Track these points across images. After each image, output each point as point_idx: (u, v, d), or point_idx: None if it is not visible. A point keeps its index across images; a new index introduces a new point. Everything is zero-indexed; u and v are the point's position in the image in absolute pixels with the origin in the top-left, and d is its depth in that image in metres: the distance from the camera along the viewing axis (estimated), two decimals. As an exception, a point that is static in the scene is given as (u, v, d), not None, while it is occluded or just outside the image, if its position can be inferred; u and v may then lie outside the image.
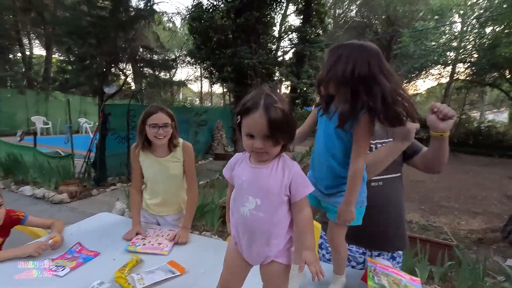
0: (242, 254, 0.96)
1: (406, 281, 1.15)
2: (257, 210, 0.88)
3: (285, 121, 0.81)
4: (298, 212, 0.89)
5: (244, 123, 0.84)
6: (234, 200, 0.95)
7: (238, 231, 0.94)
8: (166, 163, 1.69)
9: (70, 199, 4.61)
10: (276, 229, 0.90)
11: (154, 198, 1.76)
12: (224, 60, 6.17)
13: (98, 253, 1.42)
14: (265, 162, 0.89)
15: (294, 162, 0.91)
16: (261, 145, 0.83)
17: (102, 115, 5.10)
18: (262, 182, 0.88)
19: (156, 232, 1.65)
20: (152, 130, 1.58)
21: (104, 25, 4.21)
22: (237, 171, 0.95)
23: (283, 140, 0.84)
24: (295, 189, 0.87)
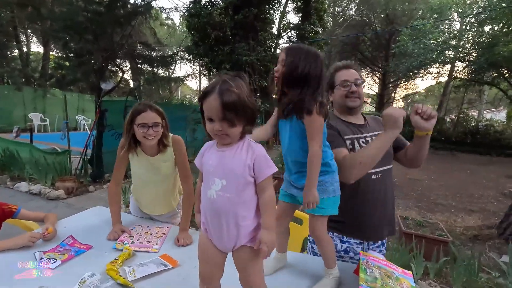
0: (213, 242, 0.96)
1: (398, 273, 1.15)
2: (223, 191, 0.90)
3: (239, 104, 0.84)
4: (261, 192, 0.91)
5: (204, 107, 0.88)
6: (203, 185, 0.96)
7: (207, 217, 0.95)
8: (157, 162, 1.59)
9: (67, 195, 4.60)
10: (244, 210, 0.91)
11: (144, 198, 1.72)
12: (222, 57, 6.14)
13: (90, 246, 1.41)
14: (229, 145, 0.92)
15: (258, 145, 0.93)
16: (219, 127, 0.86)
17: (99, 111, 5.07)
18: (226, 163, 0.90)
19: (144, 229, 1.62)
20: (141, 130, 1.46)
21: (101, 21, 4.17)
22: (205, 157, 0.97)
23: (239, 122, 0.87)
24: (258, 169, 0.89)
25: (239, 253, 0.94)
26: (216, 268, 0.98)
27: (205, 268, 0.98)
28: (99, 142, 5.30)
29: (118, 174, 1.67)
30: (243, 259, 0.94)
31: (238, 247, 0.93)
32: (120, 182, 1.70)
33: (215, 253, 0.97)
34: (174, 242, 1.50)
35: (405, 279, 1.12)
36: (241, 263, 0.94)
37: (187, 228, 1.59)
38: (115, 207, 1.64)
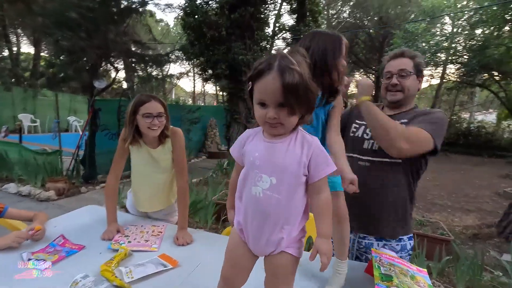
0: (248, 244, 0.85)
1: (413, 271, 1.09)
2: (272, 190, 0.77)
3: (302, 87, 0.70)
4: (316, 194, 0.79)
5: (255, 89, 0.74)
6: (244, 179, 0.83)
7: (247, 216, 0.83)
8: (157, 155, 1.54)
9: (58, 196, 4.45)
10: (291, 214, 0.80)
11: (143, 193, 1.63)
12: (218, 56, 6.07)
13: (83, 246, 1.32)
14: (280, 137, 0.79)
15: (314, 138, 0.80)
16: (275, 114, 0.72)
17: (92, 110, 4.94)
18: (277, 158, 0.77)
19: (138, 228, 1.53)
20: (146, 120, 1.42)
21: (94, 17, 4.05)
22: (248, 147, 0.84)
23: (300, 109, 0.73)
24: (314, 168, 0.77)
25: (277, 259, 0.83)
26: (243, 273, 0.88)
27: (231, 272, 0.88)
28: (92, 142, 5.16)
29: (118, 168, 1.57)
30: (280, 266, 0.83)
31: (276, 253, 0.82)
32: (119, 176, 1.60)
33: (246, 256, 0.86)
34: (173, 241, 1.42)
35: (421, 277, 1.06)
36: (275, 270, 0.83)
37: (186, 226, 1.51)
38: (111, 204, 1.55)
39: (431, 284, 1.04)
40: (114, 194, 1.58)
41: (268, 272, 0.85)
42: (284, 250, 0.81)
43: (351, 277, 1.14)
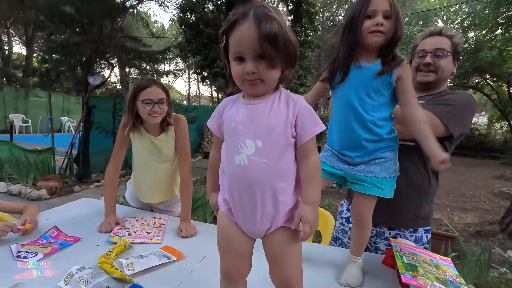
0: (239, 224, 0.76)
1: (437, 261, 1.02)
2: (259, 154, 0.69)
3: (281, 36, 0.64)
4: (304, 158, 0.72)
5: (231, 42, 0.67)
6: (226, 150, 0.75)
7: (233, 191, 0.73)
8: (159, 143, 1.46)
9: (50, 195, 4.29)
10: (283, 181, 0.71)
11: (145, 183, 1.54)
12: (215, 54, 5.99)
13: (78, 238, 1.22)
14: (262, 97, 0.72)
15: (299, 96, 0.73)
16: (253, 68, 0.65)
17: (86, 107, 4.80)
18: (261, 120, 0.70)
19: (139, 220, 1.43)
20: (146, 107, 1.33)
21: (89, 11, 3.94)
22: (228, 114, 0.76)
23: (280, 61, 0.67)
24: (301, 127, 0.70)
25: (274, 237, 0.74)
26: (244, 260, 0.77)
27: (231, 263, 0.77)
28: (86, 140, 5.02)
29: (118, 157, 1.48)
30: (279, 244, 0.73)
31: (272, 230, 0.74)
32: (119, 167, 1.50)
33: (242, 240, 0.76)
34: (177, 233, 1.32)
35: (447, 267, 0.99)
36: (276, 250, 0.74)
37: (189, 217, 1.42)
38: (110, 194, 1.45)
39: (458, 273, 0.97)
40: (113, 184, 1.48)
41: (269, 258, 0.75)
42: (283, 225, 0.73)
43: (367, 269, 1.07)
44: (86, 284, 0.87)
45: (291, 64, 0.70)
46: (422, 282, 0.86)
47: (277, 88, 0.73)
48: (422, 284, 0.85)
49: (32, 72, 6.63)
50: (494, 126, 16.57)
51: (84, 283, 0.88)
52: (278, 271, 0.75)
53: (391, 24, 0.90)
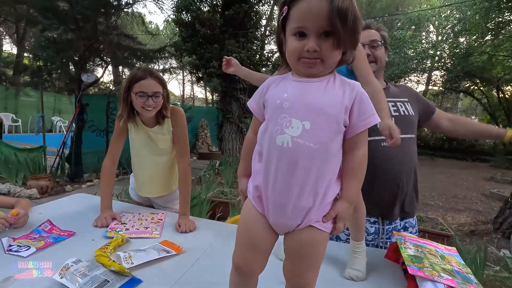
0: (267, 216, 0.68)
1: (442, 251, 1.01)
2: (305, 137, 0.61)
3: (352, 12, 0.58)
4: (351, 150, 0.66)
5: (292, 14, 0.61)
6: (267, 130, 0.67)
7: (269, 175, 0.66)
8: (154, 135, 1.42)
9: (40, 195, 4.18)
10: (329, 172, 0.64)
11: (141, 175, 1.51)
12: (211, 54, 5.97)
13: (73, 232, 1.17)
14: (315, 78, 0.65)
15: (356, 82, 0.67)
16: (316, 45, 0.59)
17: (79, 105, 4.71)
18: (313, 98, 0.63)
19: (136, 216, 1.39)
20: (139, 100, 1.28)
21: (83, 7, 3.88)
22: (273, 92, 0.69)
23: (347, 41, 0.60)
24: (358, 115, 0.63)
25: (301, 235, 0.66)
26: (262, 257, 0.70)
27: (246, 256, 0.69)
28: (79, 139, 4.92)
29: (115, 149, 1.43)
30: (305, 244, 0.66)
31: (303, 227, 0.66)
32: (117, 159, 1.45)
33: (266, 234, 0.69)
34: (175, 228, 1.29)
35: (452, 257, 0.98)
36: (299, 249, 0.67)
37: (188, 213, 1.38)
38: (107, 188, 1.40)
39: (464, 263, 0.96)
40: (110, 178, 1.43)
41: (290, 255, 0.69)
42: (313, 224, 0.66)
43: (370, 264, 1.05)
44: (83, 277, 0.83)
45: (355, 45, 0.64)
46: (429, 274, 0.85)
47: (332, 71, 0.67)
48: (429, 275, 0.84)
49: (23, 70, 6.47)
50: (484, 129, 16.89)
51: (81, 275, 0.84)
52: (295, 271, 0.68)
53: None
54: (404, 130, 1.17)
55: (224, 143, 6.55)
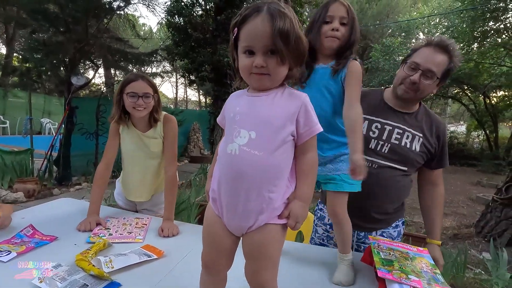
0: (222, 218, 0.74)
1: (413, 253, 1.06)
2: (250, 145, 0.67)
3: (293, 33, 0.64)
4: (302, 153, 0.72)
5: (242, 35, 0.68)
6: (223, 140, 0.75)
7: (220, 180, 0.72)
8: (147, 139, 1.47)
9: (27, 198, 4.12)
10: (274, 177, 0.69)
11: (132, 179, 1.54)
12: (204, 58, 6.00)
13: (54, 237, 1.18)
14: (266, 91, 0.72)
15: (303, 93, 0.73)
16: (263, 62, 0.66)
17: (69, 108, 4.68)
18: (260, 111, 0.69)
19: (120, 221, 1.40)
20: (130, 100, 1.36)
21: (74, 9, 3.86)
22: (229, 106, 0.76)
23: (290, 58, 0.67)
24: (304, 123, 0.69)
25: (255, 237, 0.70)
26: (224, 255, 0.75)
27: (209, 255, 0.76)
28: (68, 142, 4.87)
29: (109, 152, 1.47)
30: (261, 242, 0.70)
31: (255, 228, 0.70)
32: (111, 163, 1.49)
33: (224, 235, 0.74)
34: (158, 233, 1.31)
35: (422, 257, 1.03)
36: (256, 248, 0.71)
37: (172, 217, 1.41)
38: (97, 193, 1.42)
39: (433, 263, 1.01)
40: (102, 182, 1.45)
41: (247, 255, 0.73)
42: (268, 222, 0.70)
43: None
44: (62, 281, 0.85)
45: (299, 62, 0.71)
46: (397, 276, 0.89)
47: (281, 85, 0.73)
48: (397, 278, 0.88)
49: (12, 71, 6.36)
50: (472, 135, 17.30)
51: (60, 280, 0.85)
52: (254, 271, 0.72)
53: (347, 29, 0.97)
54: (394, 159, 1.19)
55: (215, 147, 6.55)
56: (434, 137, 1.25)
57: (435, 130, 1.25)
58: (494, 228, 3.22)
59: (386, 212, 1.26)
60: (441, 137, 1.26)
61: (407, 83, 1.17)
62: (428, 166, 1.28)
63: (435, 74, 1.13)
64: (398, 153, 1.20)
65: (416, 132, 1.22)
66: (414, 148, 1.21)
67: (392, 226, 1.31)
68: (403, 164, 1.22)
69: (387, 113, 1.25)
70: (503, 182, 3.62)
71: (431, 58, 1.12)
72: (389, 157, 1.20)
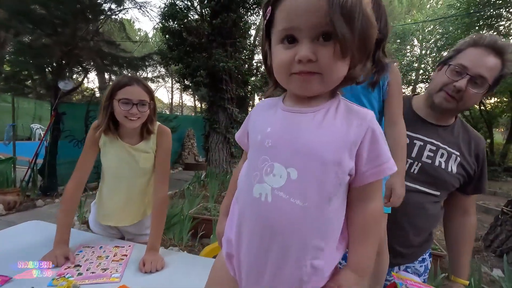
0: (239, 283, 0.52)
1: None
2: (290, 191, 0.45)
3: (361, 11, 0.43)
4: (361, 201, 0.49)
5: (278, 15, 0.46)
6: (246, 172, 0.52)
7: (242, 233, 0.50)
8: (137, 152, 1.25)
9: (7, 210, 3.84)
10: (322, 238, 0.47)
11: (115, 201, 1.30)
12: (199, 62, 5.82)
13: (8, 278, 0.96)
14: (311, 103, 0.49)
15: (368, 110, 0.50)
16: (310, 52, 0.43)
17: (55, 114, 4.44)
18: (303, 136, 0.47)
19: (96, 252, 1.18)
20: (123, 108, 1.14)
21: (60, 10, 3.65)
22: (256, 122, 0.53)
23: (356, 49, 0.44)
24: (368, 159, 0.47)
25: None
26: None
27: None
28: (53, 149, 4.61)
29: (83, 169, 1.24)
30: None
31: None
32: (83, 182, 1.25)
33: None
34: (139, 267, 1.09)
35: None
36: None
37: (158, 247, 1.19)
38: (66, 217, 1.19)
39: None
40: (71, 205, 1.23)
41: None
42: None
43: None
44: None
45: (364, 56, 0.47)
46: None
47: (334, 95, 0.51)
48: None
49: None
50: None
51: None
52: None
53: None
54: (425, 182, 1.00)
55: (210, 154, 6.34)
56: (473, 156, 1.05)
57: (474, 148, 1.05)
58: (504, 243, 3.06)
59: (411, 245, 1.06)
60: (480, 156, 1.06)
61: (450, 90, 0.96)
62: (462, 190, 1.08)
63: (486, 80, 0.93)
64: (430, 174, 1.00)
65: (452, 149, 1.02)
66: (450, 169, 1.01)
67: (418, 260, 1.12)
68: (435, 188, 1.02)
69: (416, 125, 1.04)
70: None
71: (482, 61, 0.92)
72: (419, 179, 1.01)
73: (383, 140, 0.48)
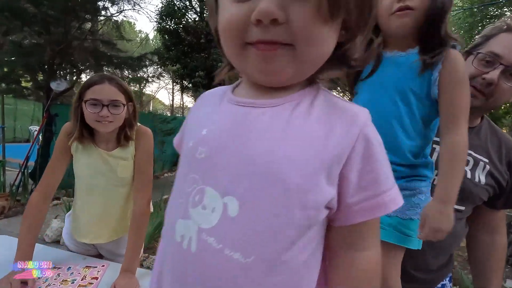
0: None
1: None
2: (222, 236, 0.29)
3: None
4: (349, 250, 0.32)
5: None
6: (171, 199, 0.37)
7: (163, 280, 0.35)
8: (113, 160, 1.10)
9: (-6, 216, 3.70)
10: None
11: (88, 214, 1.15)
12: (196, 62, 5.69)
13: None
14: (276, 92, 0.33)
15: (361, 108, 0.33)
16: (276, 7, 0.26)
17: (47, 115, 4.30)
18: (255, 144, 0.31)
19: (62, 274, 1.02)
20: (91, 110, 0.99)
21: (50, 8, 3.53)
22: (192, 120, 0.39)
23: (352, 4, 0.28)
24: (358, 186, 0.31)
25: None
26: None
27: None
28: (45, 152, 4.47)
29: (51, 179, 1.09)
30: None
31: None
32: (52, 193, 1.11)
33: None
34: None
35: None
36: None
37: (134, 268, 1.04)
38: (28, 233, 1.04)
39: None
40: (35, 220, 1.07)
41: None
42: None
43: None
44: None
45: (367, 21, 0.30)
46: None
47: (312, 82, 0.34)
48: None
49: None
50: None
51: None
52: None
53: None
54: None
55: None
56: (504, 163, 0.88)
57: (505, 153, 0.88)
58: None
59: (428, 269, 0.90)
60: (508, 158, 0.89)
61: (478, 83, 0.80)
62: (491, 205, 0.91)
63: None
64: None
65: (479, 156, 0.86)
66: (478, 179, 0.85)
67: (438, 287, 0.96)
68: (459, 202, 0.84)
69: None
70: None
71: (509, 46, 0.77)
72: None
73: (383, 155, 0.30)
